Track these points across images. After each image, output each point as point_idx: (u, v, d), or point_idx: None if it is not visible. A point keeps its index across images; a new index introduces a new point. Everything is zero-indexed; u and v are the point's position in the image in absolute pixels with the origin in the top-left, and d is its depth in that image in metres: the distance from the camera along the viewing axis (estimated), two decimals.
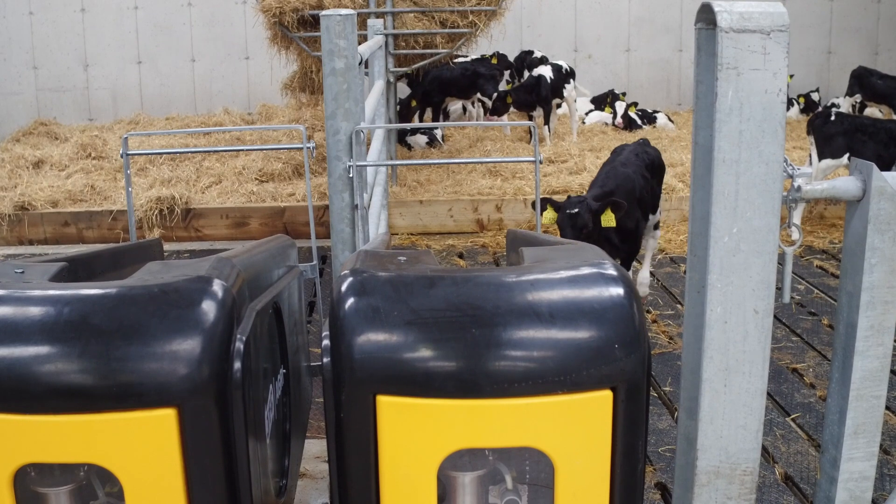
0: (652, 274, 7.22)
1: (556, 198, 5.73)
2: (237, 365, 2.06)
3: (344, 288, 2.05)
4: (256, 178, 9.84)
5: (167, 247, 8.64)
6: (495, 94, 12.01)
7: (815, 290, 7.00)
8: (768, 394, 5.02)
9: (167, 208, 8.81)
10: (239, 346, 2.09)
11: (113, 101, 14.59)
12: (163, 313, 1.98)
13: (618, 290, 2.02)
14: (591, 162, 10.27)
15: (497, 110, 11.97)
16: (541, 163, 3.95)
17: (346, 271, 2.11)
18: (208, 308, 2.02)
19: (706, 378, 1.97)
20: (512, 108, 11.93)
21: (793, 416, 4.82)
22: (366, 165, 3.91)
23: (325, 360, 2.06)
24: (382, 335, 1.96)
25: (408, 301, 1.97)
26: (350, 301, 2.02)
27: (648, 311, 6.57)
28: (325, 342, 2.07)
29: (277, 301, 2.80)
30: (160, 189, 9.10)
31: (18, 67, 14.44)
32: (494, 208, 9.35)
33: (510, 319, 1.94)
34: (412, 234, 9.22)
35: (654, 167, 6.53)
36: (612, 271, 2.07)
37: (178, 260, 2.36)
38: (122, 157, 4.00)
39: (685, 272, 6.90)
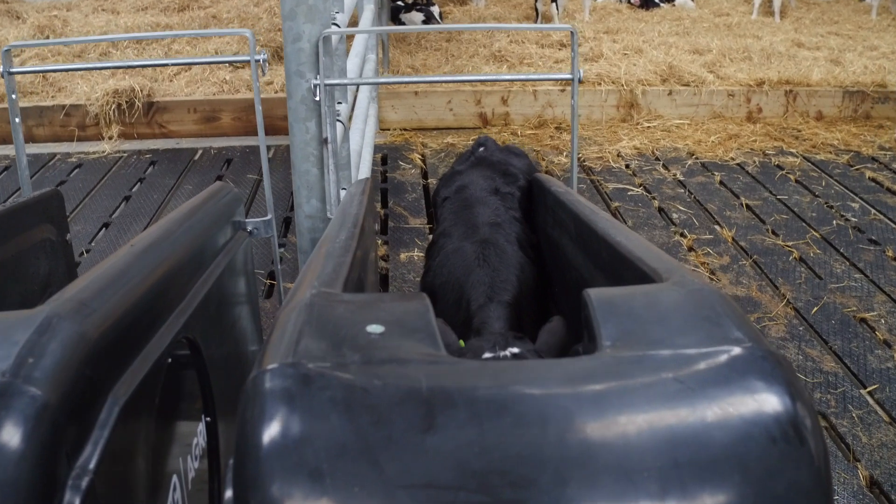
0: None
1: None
2: None
3: (264, 405, 1.07)
4: (230, 65, 8.69)
5: (127, 146, 7.61)
6: None
7: (872, 210, 6.02)
8: (837, 356, 4.10)
9: (126, 102, 7.70)
10: (71, 499, 1.12)
11: None
12: None
13: (793, 418, 1.05)
14: (608, 47, 9.12)
15: None
16: (580, 81, 2.92)
17: (271, 365, 1.12)
18: None
19: None
20: None
21: (869, 389, 3.90)
22: (338, 84, 2.88)
23: None
24: None
25: (382, 463, 0.99)
26: (271, 436, 1.05)
27: (683, 236, 5.60)
28: (228, 495, 1.11)
29: (190, 334, 1.82)
30: (120, 79, 7.96)
31: None
32: (500, 101, 8.25)
33: None
34: (406, 130, 8.16)
35: (530, 196, 3.37)
36: (770, 366, 1.09)
37: None
38: (1, 76, 2.95)
39: (721, 182, 5.91)
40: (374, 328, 1.21)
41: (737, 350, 1.12)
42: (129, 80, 7.86)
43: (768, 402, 1.06)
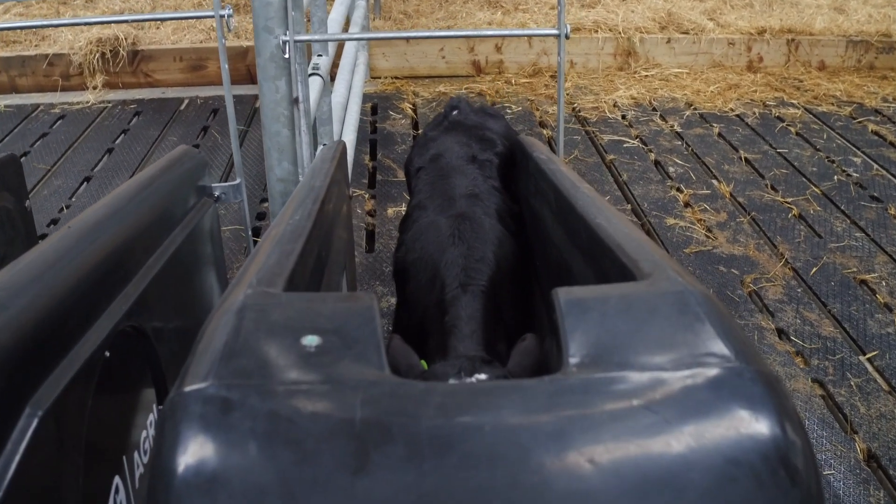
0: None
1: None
2: None
3: (178, 434, 0.94)
4: None
5: (112, 96, 7.41)
6: None
7: (875, 165, 5.85)
8: (836, 320, 3.97)
9: (110, 51, 7.48)
10: None
11: None
12: None
13: (784, 455, 0.91)
14: None
15: None
16: (567, 37, 2.74)
17: (190, 386, 0.99)
18: None
19: None
20: None
21: (869, 356, 3.78)
22: (308, 41, 2.70)
23: None
24: None
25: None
26: (183, 472, 0.93)
27: (679, 191, 5.44)
28: None
29: (136, 322, 1.68)
30: (102, 28, 7.72)
31: None
32: (494, 48, 8.03)
33: None
34: (397, 78, 7.95)
35: (508, 162, 3.03)
36: (759, 391, 0.95)
37: None
38: None
39: (719, 134, 5.74)
40: (310, 340, 1.07)
41: (721, 371, 0.98)
42: (113, 29, 7.64)
43: (755, 435, 0.92)
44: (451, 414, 0.94)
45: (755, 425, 0.93)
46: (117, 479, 1.58)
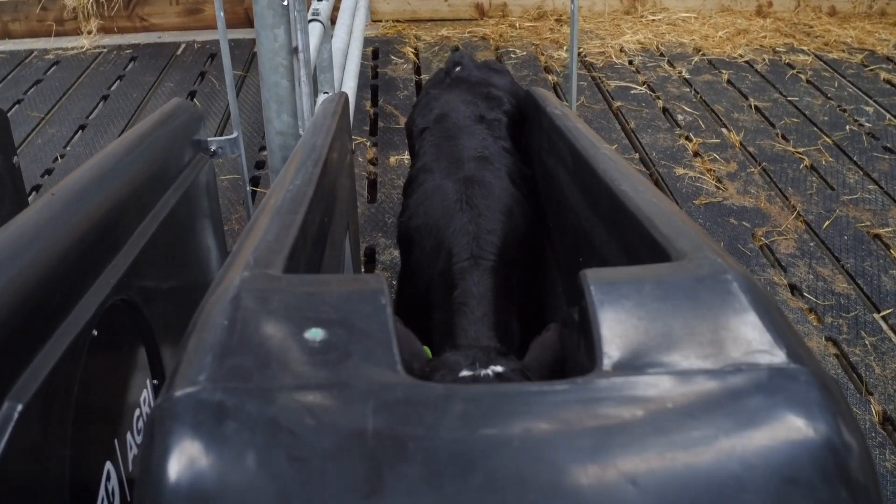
0: None
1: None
2: None
3: (168, 446, 0.84)
4: None
5: (107, 41, 7.23)
6: None
7: (887, 115, 5.71)
8: (849, 276, 3.87)
9: None
10: None
11: None
12: None
13: (844, 471, 0.81)
14: None
15: None
16: None
17: (181, 391, 0.88)
18: None
19: None
20: None
21: (884, 313, 3.68)
22: None
23: None
24: None
25: None
26: (173, 490, 0.82)
27: (688, 139, 5.30)
28: None
29: (126, 294, 1.57)
30: None
31: None
32: None
33: None
34: (399, 22, 7.77)
35: (517, 120, 2.88)
36: (816, 395, 0.85)
37: None
38: None
39: (728, 81, 5.59)
40: (314, 333, 0.96)
41: (774, 374, 0.87)
42: None
43: (814, 449, 0.82)
44: (474, 426, 0.83)
45: (813, 438, 0.82)
46: (108, 465, 1.49)
